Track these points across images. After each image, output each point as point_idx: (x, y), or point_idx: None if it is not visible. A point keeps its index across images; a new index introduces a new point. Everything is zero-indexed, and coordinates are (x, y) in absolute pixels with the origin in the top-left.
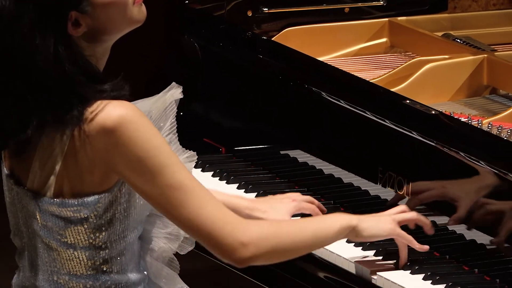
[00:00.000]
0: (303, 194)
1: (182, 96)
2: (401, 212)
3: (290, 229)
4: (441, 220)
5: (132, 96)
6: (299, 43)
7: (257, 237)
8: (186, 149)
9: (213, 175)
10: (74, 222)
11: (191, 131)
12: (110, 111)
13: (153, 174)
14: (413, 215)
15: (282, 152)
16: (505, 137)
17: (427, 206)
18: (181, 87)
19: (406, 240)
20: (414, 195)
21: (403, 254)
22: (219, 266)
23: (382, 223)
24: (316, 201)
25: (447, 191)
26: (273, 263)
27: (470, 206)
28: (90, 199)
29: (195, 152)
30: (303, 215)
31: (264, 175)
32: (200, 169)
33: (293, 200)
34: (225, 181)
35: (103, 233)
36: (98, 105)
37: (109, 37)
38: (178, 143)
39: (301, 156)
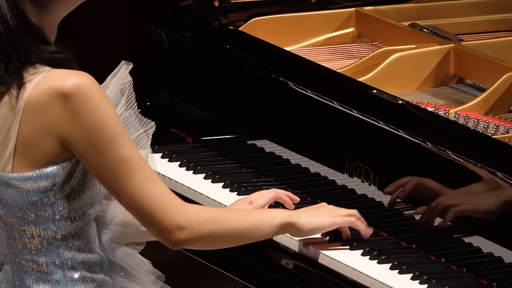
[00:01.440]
0: (271, 184)
1: (132, 66)
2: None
3: (230, 217)
4: (408, 209)
5: (79, 61)
6: (266, 33)
7: (194, 221)
8: (153, 140)
9: (180, 165)
10: (34, 196)
11: (158, 121)
12: (67, 77)
13: (103, 144)
14: (353, 218)
15: (249, 142)
16: (472, 126)
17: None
18: (131, 64)
19: (351, 224)
20: (381, 185)
21: (362, 230)
22: (188, 257)
23: (321, 214)
24: (292, 196)
25: (414, 180)
26: (210, 249)
27: (436, 195)
28: (49, 169)
29: (153, 122)
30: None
31: (231, 165)
32: (167, 159)
33: (271, 192)
34: (192, 171)
35: (63, 208)
36: (53, 72)
37: (57, 7)
38: (137, 119)
39: (268, 146)
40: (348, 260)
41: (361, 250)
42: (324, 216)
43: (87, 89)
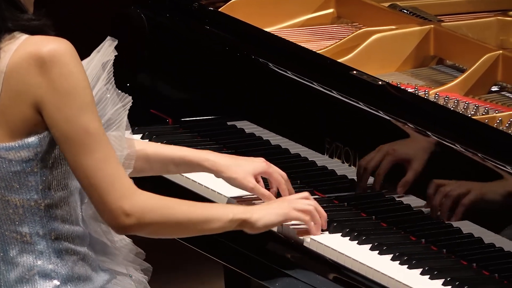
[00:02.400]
0: None
1: (116, 42)
2: (302, 198)
3: (181, 207)
4: (388, 190)
5: (54, 30)
6: (245, 14)
7: (142, 209)
8: (133, 121)
9: None
10: (16, 165)
11: (138, 102)
12: (45, 43)
13: (73, 112)
14: (313, 207)
15: (229, 123)
16: (452, 107)
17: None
18: (116, 40)
19: (303, 221)
20: (361, 166)
21: (312, 230)
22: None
23: (274, 209)
24: (287, 182)
25: (394, 160)
26: (159, 237)
27: (416, 174)
28: (31, 139)
29: (130, 97)
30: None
31: (210, 146)
32: (147, 140)
33: (264, 161)
34: None
35: (46, 178)
36: (32, 38)
37: None
38: (115, 93)
39: (248, 127)
40: (328, 241)
41: (341, 232)
42: (277, 211)
43: (64, 55)
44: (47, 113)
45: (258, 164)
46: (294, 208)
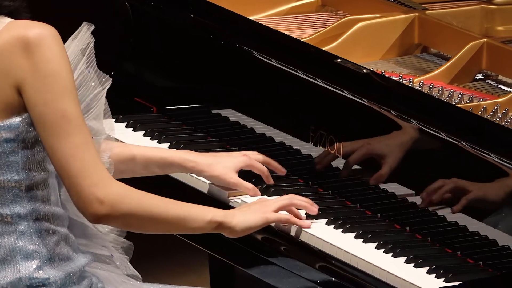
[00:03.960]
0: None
1: (93, 27)
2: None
3: (156, 202)
4: (371, 178)
5: (31, 14)
6: (230, 2)
7: (117, 198)
8: (117, 109)
9: (144, 135)
10: None
11: (122, 91)
12: (30, 27)
13: (52, 95)
14: (288, 200)
15: (213, 111)
16: (436, 95)
17: (361, 166)
18: (92, 25)
19: (283, 221)
20: (345, 154)
21: (296, 224)
22: None
23: (252, 214)
24: (272, 162)
25: (378, 150)
26: (133, 231)
27: (400, 162)
28: (12, 120)
29: (110, 79)
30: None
31: (195, 134)
32: (132, 128)
33: (244, 155)
34: (157, 140)
35: (26, 159)
36: (16, 22)
37: None
38: (95, 75)
39: (233, 115)
40: (313, 230)
41: (326, 219)
42: (257, 214)
43: (48, 39)
44: (27, 95)
45: (239, 158)
46: (272, 209)
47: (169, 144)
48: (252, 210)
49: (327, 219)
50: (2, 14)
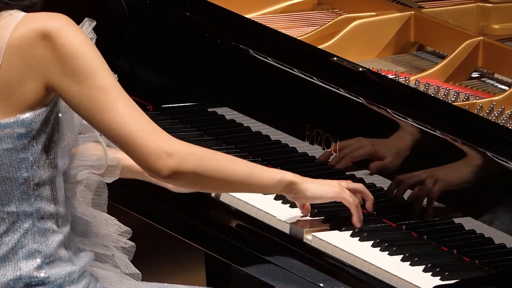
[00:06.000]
0: (231, 151)
1: (95, 23)
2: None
3: (224, 158)
4: (366, 174)
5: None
6: (226, 0)
7: (184, 150)
8: None
9: None
10: (9, 143)
11: None
12: (47, 19)
13: (85, 75)
14: (360, 185)
15: (209, 110)
16: (432, 93)
17: (356, 164)
18: (94, 21)
19: (348, 205)
20: (341, 153)
21: (355, 216)
22: (147, 223)
23: (328, 185)
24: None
25: (374, 148)
26: (198, 189)
27: (395, 160)
28: (25, 116)
29: (116, 75)
30: None
31: (191, 133)
32: None
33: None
34: None
35: (37, 156)
36: (32, 15)
37: None
38: None
39: (229, 113)
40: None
41: (322, 217)
42: (331, 186)
43: (67, 26)
44: (57, 83)
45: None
46: (346, 188)
47: None
48: (323, 182)
49: (323, 218)
50: (17, 8)
